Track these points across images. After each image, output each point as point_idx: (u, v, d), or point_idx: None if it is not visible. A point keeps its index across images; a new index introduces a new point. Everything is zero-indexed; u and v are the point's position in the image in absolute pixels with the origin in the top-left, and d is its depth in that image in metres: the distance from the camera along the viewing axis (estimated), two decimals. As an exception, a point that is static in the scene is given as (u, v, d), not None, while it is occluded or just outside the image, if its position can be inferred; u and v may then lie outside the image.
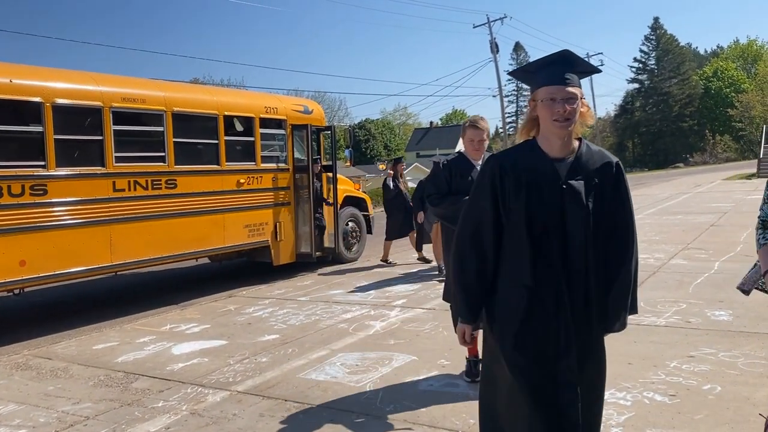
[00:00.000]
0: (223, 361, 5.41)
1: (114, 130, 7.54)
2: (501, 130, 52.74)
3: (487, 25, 41.02)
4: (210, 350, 5.77)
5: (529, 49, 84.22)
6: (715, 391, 4.06)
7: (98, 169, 7.41)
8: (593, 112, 2.45)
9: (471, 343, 2.66)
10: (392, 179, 10.89)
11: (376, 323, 6.42)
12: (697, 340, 5.14)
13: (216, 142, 8.85)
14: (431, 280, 8.75)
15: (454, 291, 2.65)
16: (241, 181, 9.13)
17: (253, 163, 9.39)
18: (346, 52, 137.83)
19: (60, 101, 7.02)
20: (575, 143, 2.43)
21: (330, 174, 10.52)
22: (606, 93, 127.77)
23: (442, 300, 4.42)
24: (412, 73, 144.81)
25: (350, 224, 11.24)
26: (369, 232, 11.73)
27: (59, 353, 5.91)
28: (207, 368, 5.22)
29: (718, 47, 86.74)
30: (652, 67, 76.06)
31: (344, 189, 11.28)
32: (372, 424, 3.87)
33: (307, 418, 4.03)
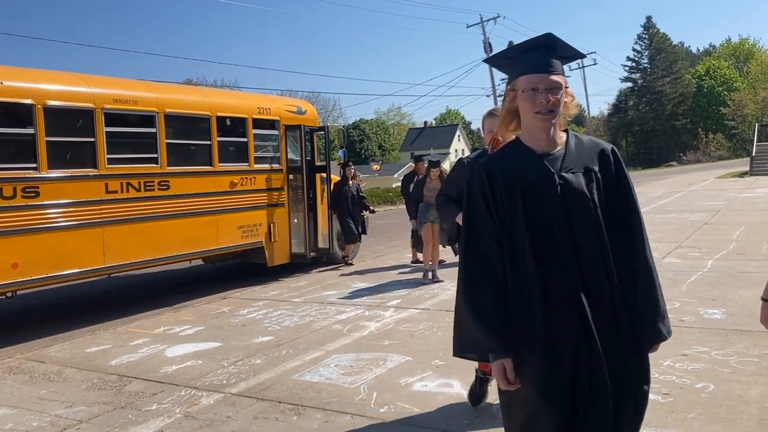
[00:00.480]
0: (217, 363, 5.39)
1: (106, 131, 7.51)
2: (495, 129, 52.67)
3: (481, 24, 41.10)
4: (204, 352, 5.75)
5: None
6: (708, 390, 4.07)
7: (90, 171, 7.38)
8: (577, 102, 2.22)
9: (516, 383, 2.09)
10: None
11: (371, 324, 6.41)
12: (691, 339, 5.15)
13: (209, 143, 8.83)
14: (425, 280, 8.74)
15: (470, 328, 2.11)
16: (235, 182, 9.11)
17: (247, 164, 9.36)
18: (340, 53, 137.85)
19: (51, 103, 6.99)
20: (562, 135, 2.19)
21: (324, 174, 10.52)
22: (599, 92, 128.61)
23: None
24: (406, 73, 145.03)
25: (344, 225, 11.22)
26: (364, 232, 11.72)
27: (52, 356, 5.88)
28: (201, 370, 5.20)
29: (710, 46, 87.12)
30: (645, 66, 76.28)
31: (338, 189, 11.25)
32: (366, 425, 3.86)
33: (301, 420, 4.02)
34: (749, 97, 53.95)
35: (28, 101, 6.80)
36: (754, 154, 31.24)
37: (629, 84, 77.79)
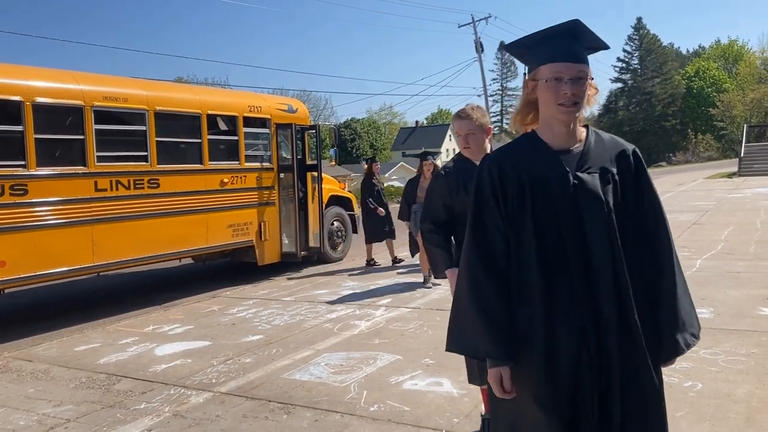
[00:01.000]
0: (207, 362, 5.37)
1: (96, 129, 7.47)
2: (486, 129, 52.81)
3: (472, 24, 41.11)
4: (193, 351, 5.73)
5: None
6: (696, 388, 4.10)
7: (80, 169, 7.33)
8: (598, 95, 2.07)
9: (512, 392, 1.98)
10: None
11: (361, 323, 6.41)
12: (679, 338, 5.17)
13: (199, 141, 8.79)
14: (416, 280, 8.74)
15: (470, 328, 2.00)
16: (225, 180, 9.08)
17: (237, 163, 9.34)
18: (333, 51, 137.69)
19: (40, 100, 6.93)
20: (582, 131, 2.04)
21: (315, 173, 10.50)
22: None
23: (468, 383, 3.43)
24: (397, 72, 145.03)
25: (335, 224, 11.22)
26: (354, 231, 11.71)
27: (40, 355, 5.84)
28: (190, 369, 5.18)
29: (699, 47, 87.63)
30: (635, 66, 76.63)
31: (329, 188, 11.25)
32: (356, 424, 3.86)
33: (290, 419, 4.01)
34: (738, 99, 54.20)
35: (17, 98, 6.74)
36: (742, 155, 31.43)
37: (619, 84, 78.12)
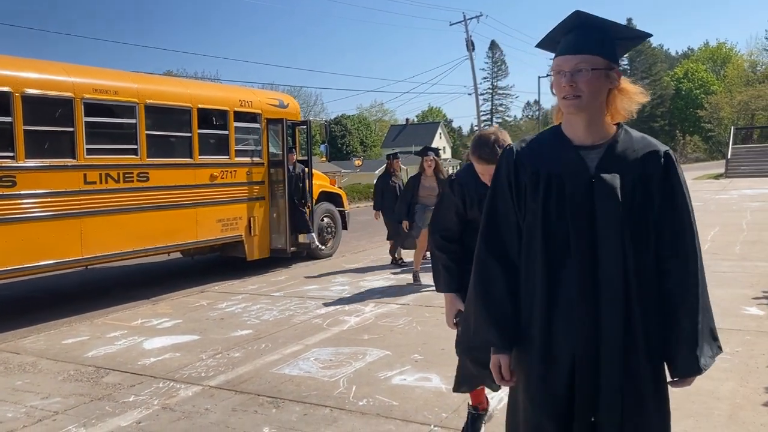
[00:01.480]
0: (195, 356, 5.37)
1: (85, 121, 7.43)
2: (476, 128, 53.06)
3: (464, 22, 41.14)
4: (182, 345, 5.73)
5: (505, 47, 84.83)
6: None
7: (69, 161, 7.29)
8: (640, 89, 1.95)
9: (511, 380, 2.01)
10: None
11: (351, 318, 6.43)
12: (665, 336, 5.23)
13: (189, 135, 8.77)
14: (405, 276, 8.77)
15: (476, 316, 2.02)
16: (215, 175, 9.06)
17: (227, 157, 9.32)
18: (323, 48, 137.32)
19: (30, 91, 6.89)
20: (611, 129, 1.94)
21: (306, 169, 10.49)
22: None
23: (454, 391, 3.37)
24: (388, 69, 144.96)
25: (325, 220, 11.23)
26: (344, 227, 11.73)
27: (27, 348, 5.81)
28: (179, 363, 5.18)
29: (688, 49, 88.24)
30: (625, 67, 76.99)
31: (320, 184, 11.26)
32: (345, 418, 3.89)
33: (280, 413, 4.03)
34: (725, 101, 54.70)
35: (6, 89, 6.69)
36: (729, 157, 31.77)
37: (609, 85, 78.47)
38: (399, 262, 9.67)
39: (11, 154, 6.74)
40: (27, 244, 6.86)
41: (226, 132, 9.35)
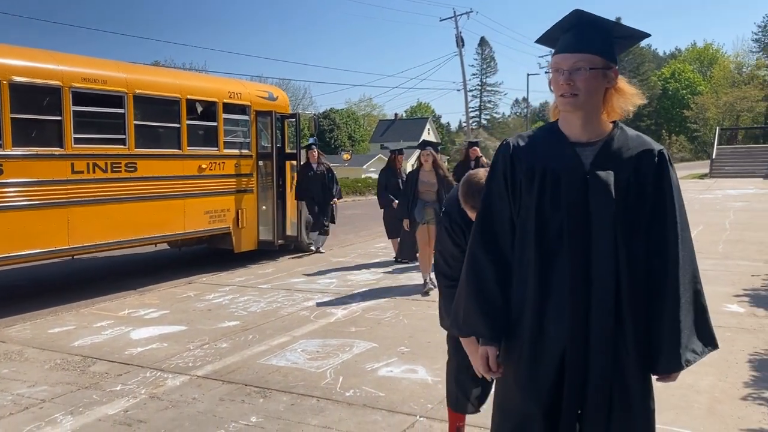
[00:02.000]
0: (183, 346, 5.39)
1: (73, 110, 7.39)
2: (465, 124, 53.15)
3: (454, 18, 41.19)
4: (169, 335, 5.74)
5: (494, 44, 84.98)
6: (662, 379, 4.23)
7: (56, 150, 7.25)
8: (636, 91, 1.99)
9: (497, 371, 2.03)
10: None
11: (338, 311, 6.47)
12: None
13: (178, 126, 8.74)
14: (392, 270, 8.82)
15: (466, 306, 2.03)
16: (203, 166, 9.05)
17: (216, 149, 9.30)
18: (312, 42, 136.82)
19: (17, 79, 6.84)
20: (607, 126, 1.97)
21: (294, 162, 10.50)
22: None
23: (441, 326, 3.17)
24: (377, 64, 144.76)
25: (313, 213, 11.22)
26: (332, 221, 11.74)
27: (13, 336, 5.80)
28: (166, 353, 5.19)
29: (676, 49, 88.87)
30: (613, 66, 77.44)
31: (308, 178, 11.24)
32: (332, 408, 3.93)
33: (267, 403, 4.06)
34: (711, 101, 55.17)
35: (-7, 76, 6.64)
36: (714, 157, 32.11)
37: (597, 84, 78.86)
38: (399, 260, 9.19)
39: (-2, 142, 6.69)
40: (13, 233, 6.82)
41: (215, 123, 9.33)
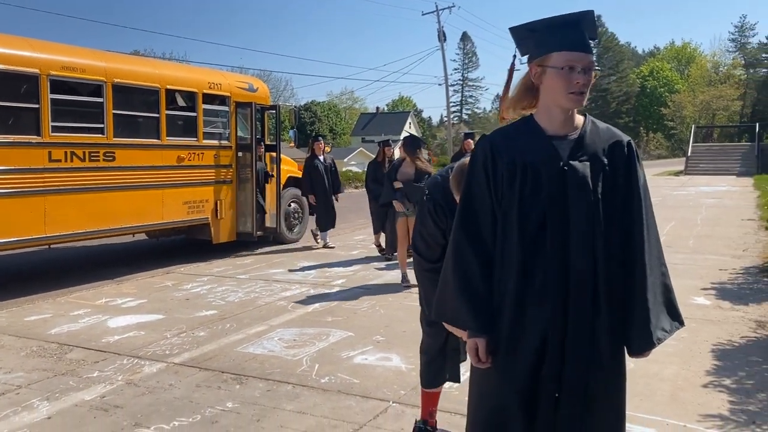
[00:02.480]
0: (160, 334, 5.43)
1: (51, 98, 7.35)
2: (446, 119, 53.33)
3: (436, 13, 41.26)
4: (147, 324, 5.77)
5: (476, 39, 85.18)
6: (628, 368, 4.34)
7: (33, 138, 7.21)
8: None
9: (488, 362, 2.06)
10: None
11: (316, 301, 6.53)
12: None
13: (157, 115, 8.72)
14: (371, 261, 8.90)
15: (453, 300, 2.09)
16: (182, 156, 9.04)
17: (195, 139, 9.29)
18: (294, 33, 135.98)
19: (-6, 66, 6.79)
20: (579, 120, 2.06)
21: (274, 153, 10.52)
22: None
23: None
24: (359, 57, 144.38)
25: (293, 205, 11.26)
26: (311, 213, 11.78)
27: (-11, 324, 5.79)
28: (143, 341, 5.23)
29: (655, 48, 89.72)
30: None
31: (288, 169, 11.28)
32: (307, 394, 4.01)
33: (243, 389, 4.13)
34: (688, 100, 55.93)
35: (-31, 63, 6.59)
36: (689, 155, 32.57)
37: (577, 80, 79.42)
38: (385, 255, 9.00)
39: (-26, 129, 6.65)
40: (-11, 221, 6.79)
41: (194, 114, 9.32)
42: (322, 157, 10.23)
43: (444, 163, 25.15)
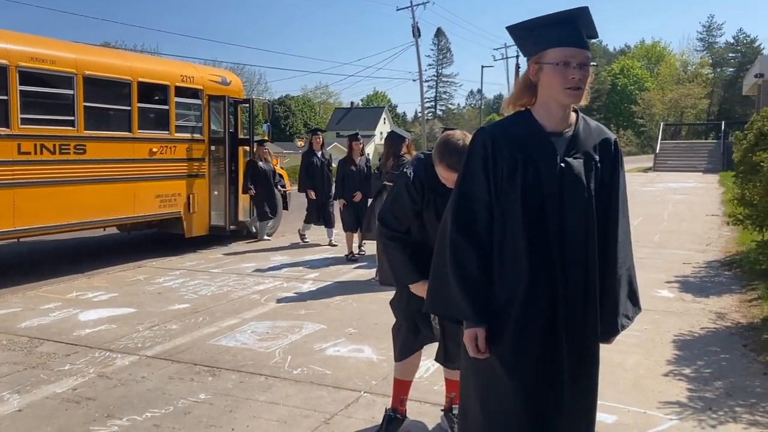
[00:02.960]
0: (132, 327, 5.42)
1: (20, 90, 7.26)
2: (420, 114, 53.54)
3: (411, 8, 41.34)
4: (118, 317, 5.76)
5: (450, 35, 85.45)
6: (592, 358, 4.50)
7: (2, 131, 7.12)
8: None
9: (486, 352, 2.10)
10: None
11: (288, 295, 6.58)
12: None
13: (128, 108, 8.66)
14: (343, 256, 8.95)
15: (450, 290, 2.12)
16: (154, 150, 8.99)
17: (167, 133, 9.25)
18: (268, 26, 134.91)
19: (-39, 57, 6.68)
20: (572, 116, 2.12)
21: (247, 147, 10.50)
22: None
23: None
24: (334, 51, 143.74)
25: (266, 199, 11.24)
26: (285, 208, 11.78)
27: (-44, 318, 5.72)
28: (115, 334, 5.22)
29: (625, 46, 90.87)
30: (565, 60, 78.84)
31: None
32: (279, 385, 4.06)
33: (216, 381, 4.17)
34: (658, 98, 56.81)
35: (-65, 53, 6.48)
36: (657, 152, 33.15)
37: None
38: (351, 257, 8.67)
39: (-60, 120, 6.54)
40: (-44, 214, 6.69)
41: (166, 107, 9.27)
42: (320, 153, 9.78)
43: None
